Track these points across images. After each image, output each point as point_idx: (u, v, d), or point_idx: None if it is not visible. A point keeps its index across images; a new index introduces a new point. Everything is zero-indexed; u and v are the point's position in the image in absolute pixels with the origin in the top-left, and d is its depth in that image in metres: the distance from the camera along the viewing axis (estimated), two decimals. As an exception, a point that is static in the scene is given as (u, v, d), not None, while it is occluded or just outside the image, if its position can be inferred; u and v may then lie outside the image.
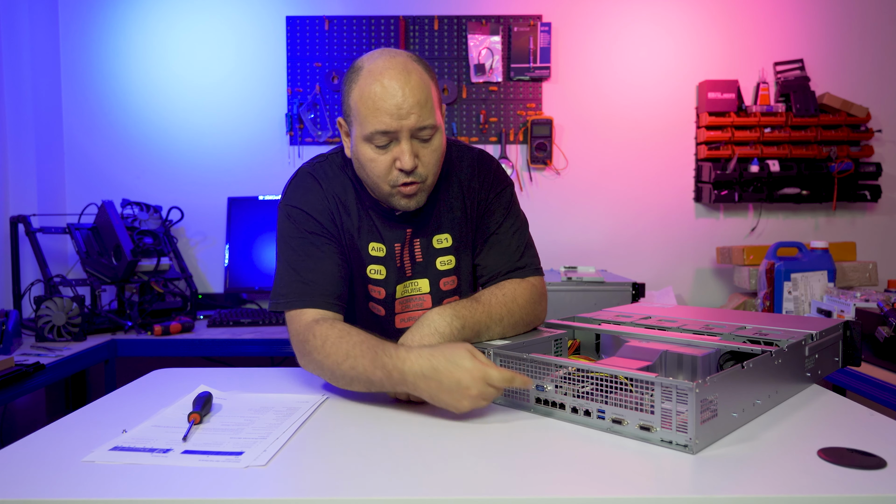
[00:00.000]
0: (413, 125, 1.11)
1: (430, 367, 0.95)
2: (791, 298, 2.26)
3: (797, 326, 1.17)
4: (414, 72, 1.12)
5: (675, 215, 2.89)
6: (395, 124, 1.10)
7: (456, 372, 0.93)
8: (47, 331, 2.11)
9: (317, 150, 2.84)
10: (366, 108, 1.11)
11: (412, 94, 1.10)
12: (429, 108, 1.12)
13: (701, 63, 2.83)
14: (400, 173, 1.14)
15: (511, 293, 1.20)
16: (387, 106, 1.09)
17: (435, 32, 2.83)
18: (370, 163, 1.15)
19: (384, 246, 1.26)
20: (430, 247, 1.28)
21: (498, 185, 1.31)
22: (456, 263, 1.30)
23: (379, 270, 1.26)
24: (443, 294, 1.30)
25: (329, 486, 0.76)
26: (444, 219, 1.29)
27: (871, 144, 2.76)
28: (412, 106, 1.10)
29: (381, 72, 1.11)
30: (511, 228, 1.30)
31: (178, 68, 2.85)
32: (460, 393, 0.93)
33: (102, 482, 0.76)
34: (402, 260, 1.27)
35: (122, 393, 1.17)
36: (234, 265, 2.66)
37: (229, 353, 2.21)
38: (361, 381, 1.03)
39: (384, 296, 1.28)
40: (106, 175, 2.86)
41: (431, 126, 1.13)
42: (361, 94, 1.12)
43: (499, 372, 0.93)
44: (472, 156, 1.32)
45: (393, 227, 1.26)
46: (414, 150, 1.13)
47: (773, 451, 0.83)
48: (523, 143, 2.85)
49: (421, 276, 1.29)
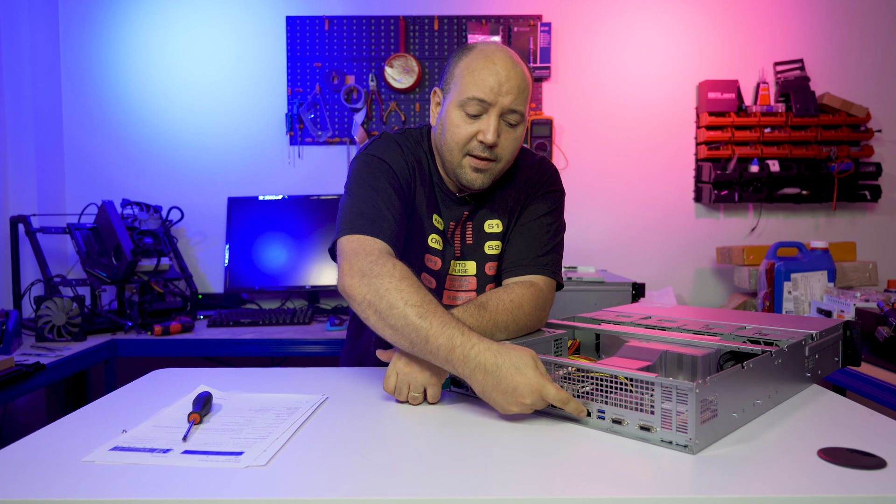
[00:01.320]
0: (507, 104, 1.18)
1: (493, 363, 0.95)
2: (791, 298, 2.26)
3: (797, 326, 1.17)
4: (520, 65, 1.22)
5: (675, 215, 2.89)
6: (492, 97, 1.18)
7: (517, 377, 0.94)
8: (47, 331, 2.11)
9: (317, 149, 2.84)
10: (471, 76, 1.19)
11: (515, 79, 1.19)
12: (524, 97, 1.21)
13: (701, 63, 2.83)
14: (479, 145, 1.20)
15: (518, 299, 1.20)
16: (490, 80, 1.18)
17: (435, 32, 2.83)
18: (455, 128, 1.21)
19: (443, 221, 1.31)
20: (482, 230, 1.34)
21: (550, 186, 1.37)
22: (501, 249, 1.35)
23: (438, 241, 1.30)
24: (487, 279, 1.35)
25: (329, 486, 0.76)
26: (497, 206, 1.34)
27: (871, 144, 2.76)
28: (512, 88, 1.18)
29: (494, 53, 1.21)
30: (547, 226, 1.33)
31: (178, 68, 2.85)
32: (514, 398, 0.94)
33: (102, 482, 0.76)
34: (453, 239, 1.32)
35: (122, 393, 1.17)
36: (234, 265, 2.66)
37: (229, 353, 2.21)
38: (416, 333, 0.99)
39: (440, 267, 1.31)
40: (106, 175, 2.86)
41: (521, 113, 1.21)
42: (470, 65, 1.20)
43: (556, 391, 0.93)
44: (535, 159, 1.40)
45: (453, 205, 1.32)
46: (498, 129, 1.19)
47: (773, 451, 0.83)
48: (523, 143, 2.85)
49: (469, 258, 1.34)
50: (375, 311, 1.03)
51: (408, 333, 1.00)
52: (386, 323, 1.02)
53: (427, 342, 0.99)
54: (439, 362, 0.99)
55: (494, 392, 0.95)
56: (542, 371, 0.96)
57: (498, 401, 0.95)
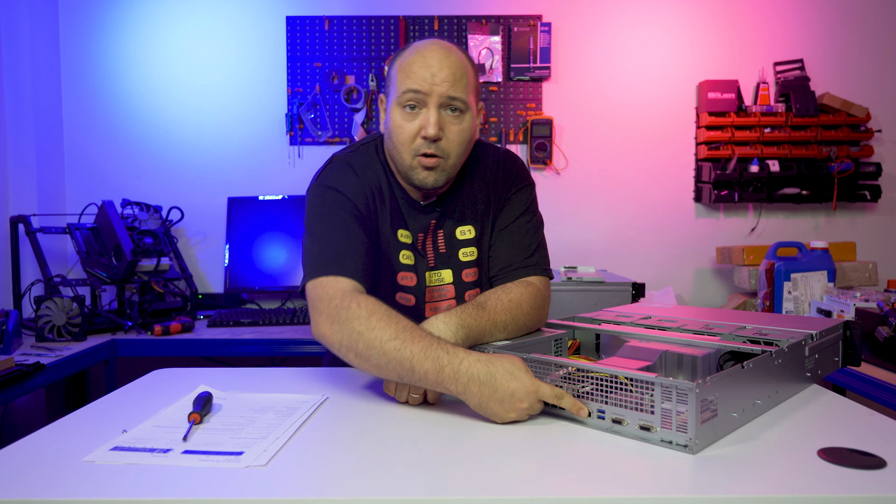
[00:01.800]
0: (444, 92, 1.15)
1: (487, 373, 0.95)
2: (791, 298, 2.26)
3: (797, 326, 1.17)
4: (455, 53, 1.19)
5: (675, 215, 2.89)
6: (426, 86, 1.15)
7: (512, 383, 0.94)
8: (47, 331, 2.11)
9: (317, 150, 2.84)
10: (403, 72, 1.18)
11: (448, 67, 1.16)
12: (462, 84, 1.17)
13: (701, 63, 2.83)
14: (423, 142, 1.17)
15: (517, 298, 1.20)
16: (422, 71, 1.16)
17: (435, 32, 2.83)
18: (398, 128, 1.19)
19: (410, 234, 1.28)
20: (454, 237, 1.31)
21: (519, 182, 1.34)
22: (478, 255, 1.32)
23: (409, 256, 1.28)
24: (465, 286, 1.32)
25: (329, 486, 0.76)
26: (467, 211, 1.31)
27: (871, 144, 2.76)
28: (447, 76, 1.16)
29: (426, 46, 1.19)
30: (526, 225, 1.32)
31: (178, 68, 2.85)
32: (511, 404, 0.94)
33: (102, 482, 0.76)
34: (424, 249, 1.29)
35: (122, 393, 1.17)
36: (234, 265, 2.66)
37: (229, 353, 2.21)
38: (401, 365, 0.99)
39: (416, 282, 1.29)
40: (106, 175, 2.86)
41: (462, 101, 1.17)
42: (402, 63, 1.19)
43: (550, 389, 0.94)
44: (497, 154, 1.36)
45: (418, 216, 1.28)
46: (441, 123, 1.17)
47: (773, 451, 0.83)
48: (523, 143, 2.85)
49: (444, 266, 1.31)
50: (356, 354, 1.04)
51: (393, 368, 1.00)
52: (369, 363, 1.03)
53: (413, 371, 0.98)
54: (430, 385, 0.99)
55: (491, 402, 0.94)
56: (532, 374, 0.97)
57: (496, 410, 0.95)
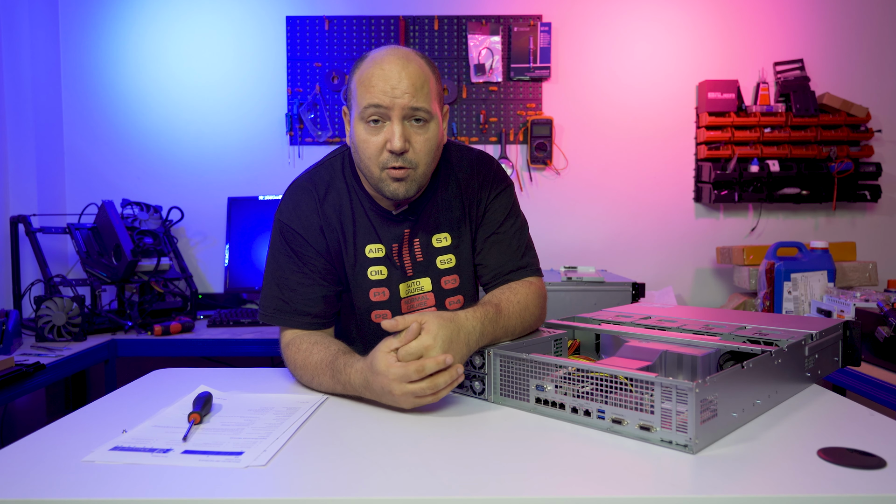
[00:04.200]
0: (405, 104, 1.13)
1: (363, 379, 1.03)
2: (791, 298, 2.26)
3: (797, 326, 1.17)
4: (413, 61, 1.16)
5: (675, 215, 2.89)
6: (387, 100, 1.12)
7: (378, 379, 0.99)
8: (47, 331, 2.11)
9: (317, 149, 2.84)
10: (363, 86, 1.15)
11: (408, 78, 1.13)
12: (424, 93, 1.15)
13: (701, 63, 2.83)
14: (390, 155, 1.15)
15: (524, 300, 1.20)
16: (381, 84, 1.13)
17: (435, 32, 2.83)
18: (363, 143, 1.17)
19: (382, 246, 1.26)
20: (430, 246, 1.29)
21: (498, 185, 1.32)
22: (456, 262, 1.31)
23: (380, 271, 1.27)
24: (445, 293, 1.31)
25: (329, 486, 0.76)
26: (442, 218, 1.29)
27: (870, 144, 2.76)
28: (407, 87, 1.13)
29: (383, 56, 1.16)
30: (512, 228, 1.31)
31: (177, 68, 2.85)
32: (392, 397, 0.99)
33: (102, 482, 0.76)
34: (401, 259, 1.28)
35: (122, 393, 1.17)
36: (234, 265, 2.66)
37: (229, 353, 2.21)
38: (334, 391, 1.11)
39: (388, 297, 1.28)
40: (106, 175, 2.86)
41: (425, 110, 1.15)
42: (361, 76, 1.16)
43: (409, 367, 0.96)
44: (471, 157, 1.33)
45: (391, 226, 1.26)
46: (406, 135, 1.15)
47: (773, 451, 0.83)
48: (523, 143, 2.85)
49: (422, 275, 1.29)
50: (310, 387, 1.16)
51: (338, 391, 1.10)
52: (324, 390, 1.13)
53: (346, 390, 1.08)
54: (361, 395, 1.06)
55: (381, 400, 1.01)
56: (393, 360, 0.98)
57: (391, 404, 1.00)
